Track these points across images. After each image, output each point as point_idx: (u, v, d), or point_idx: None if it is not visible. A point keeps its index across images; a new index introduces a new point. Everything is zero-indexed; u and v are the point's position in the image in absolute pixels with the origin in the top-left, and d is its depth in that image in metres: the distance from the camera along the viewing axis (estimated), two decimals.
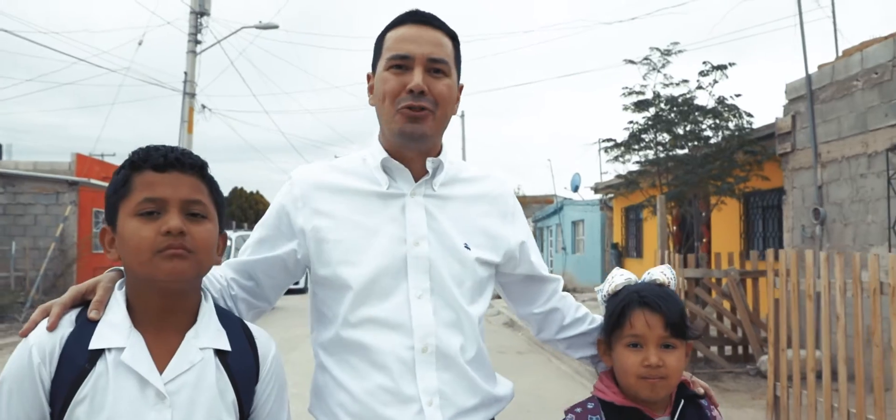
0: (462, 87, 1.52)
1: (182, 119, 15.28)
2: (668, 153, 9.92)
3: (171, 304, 1.17)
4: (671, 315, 1.40)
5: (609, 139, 10.84)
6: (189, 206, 1.16)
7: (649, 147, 10.26)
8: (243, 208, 43.30)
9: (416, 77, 1.35)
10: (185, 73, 15.34)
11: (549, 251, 26.37)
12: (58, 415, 1.08)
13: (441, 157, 1.46)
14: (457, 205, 1.46)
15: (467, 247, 1.43)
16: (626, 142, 10.41)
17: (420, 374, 1.34)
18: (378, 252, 1.37)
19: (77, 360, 1.09)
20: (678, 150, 9.92)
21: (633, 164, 10.92)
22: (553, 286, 1.63)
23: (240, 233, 17.89)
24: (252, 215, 41.90)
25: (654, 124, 9.93)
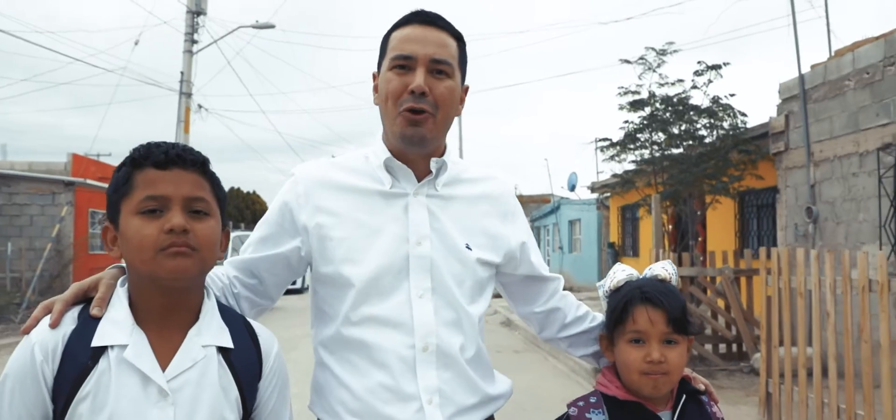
0: (467, 88, 1.51)
1: (178, 119, 15.25)
2: (663, 152, 9.93)
3: (174, 301, 1.16)
4: (673, 311, 1.40)
5: (605, 139, 10.85)
6: (191, 203, 1.15)
7: (645, 146, 10.27)
8: (240, 208, 43.11)
9: (418, 78, 1.35)
10: (181, 73, 15.31)
11: (546, 250, 26.34)
12: (60, 412, 1.07)
13: (444, 157, 1.46)
14: (459, 205, 1.46)
15: (468, 247, 1.43)
16: (622, 141, 10.42)
17: (420, 373, 1.35)
18: (380, 251, 1.37)
19: (79, 358, 1.08)
20: (673, 149, 9.93)
21: (629, 164, 10.93)
22: (554, 286, 1.63)
23: (237, 233, 17.82)
24: (249, 215, 41.73)
25: (649, 124, 9.95)
